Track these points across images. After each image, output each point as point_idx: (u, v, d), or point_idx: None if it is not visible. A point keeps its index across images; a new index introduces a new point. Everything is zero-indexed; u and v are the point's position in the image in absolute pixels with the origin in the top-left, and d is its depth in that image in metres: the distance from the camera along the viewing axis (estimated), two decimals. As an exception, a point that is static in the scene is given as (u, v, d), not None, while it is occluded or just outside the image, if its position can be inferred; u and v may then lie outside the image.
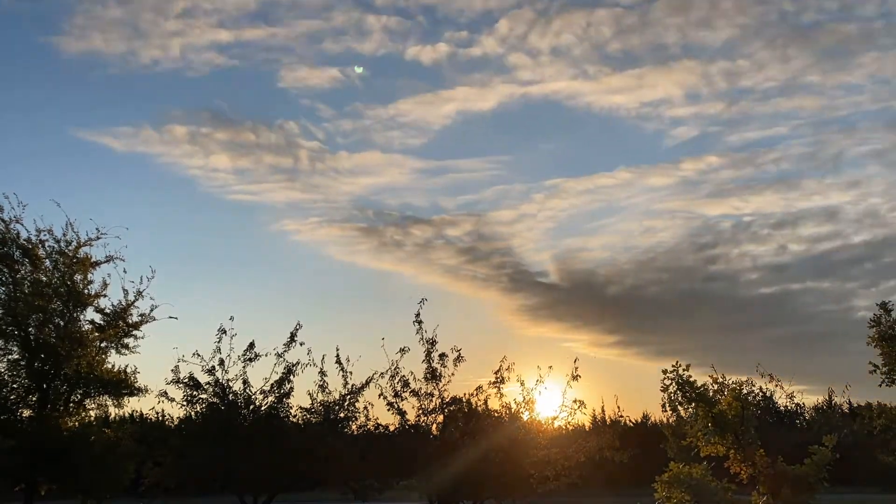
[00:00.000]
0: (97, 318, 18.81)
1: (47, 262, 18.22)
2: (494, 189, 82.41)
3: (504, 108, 76.83)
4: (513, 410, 16.23)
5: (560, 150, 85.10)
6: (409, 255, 76.68)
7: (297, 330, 16.51)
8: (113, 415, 21.05)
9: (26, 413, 17.82)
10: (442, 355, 16.17)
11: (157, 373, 44.75)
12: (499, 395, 16.26)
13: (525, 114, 79.79)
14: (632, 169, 79.39)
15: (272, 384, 16.31)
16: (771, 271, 73.97)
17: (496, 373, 16.28)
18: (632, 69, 75.18)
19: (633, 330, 73.30)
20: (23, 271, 17.93)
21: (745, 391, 16.81)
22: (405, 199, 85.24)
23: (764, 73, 74.84)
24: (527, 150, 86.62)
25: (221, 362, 16.13)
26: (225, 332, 16.20)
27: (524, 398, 16.18)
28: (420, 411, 16.08)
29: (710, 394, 16.96)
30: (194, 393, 16.15)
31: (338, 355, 16.36)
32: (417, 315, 16.24)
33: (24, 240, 17.97)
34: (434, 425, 16.24)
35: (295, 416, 16.62)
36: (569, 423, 16.43)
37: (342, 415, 16.46)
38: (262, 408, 16.23)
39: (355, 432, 16.73)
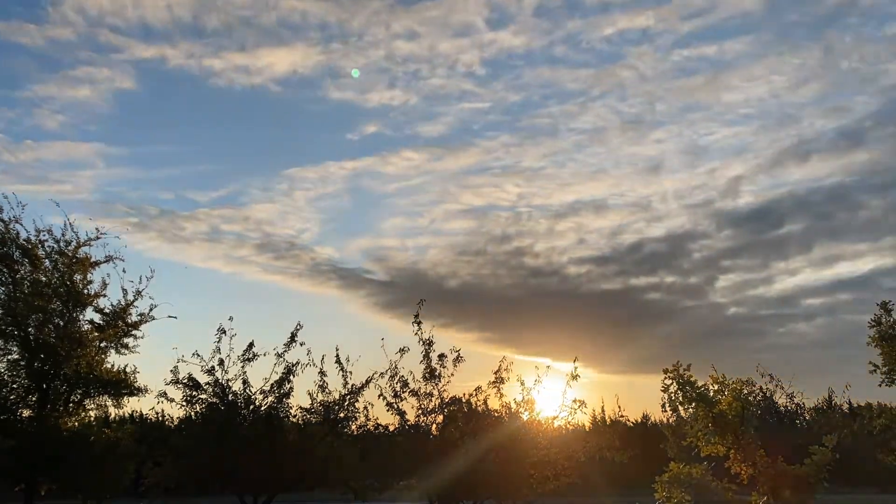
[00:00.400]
0: (97, 317, 18.87)
1: (47, 262, 18.24)
2: (237, 181, 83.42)
3: (146, 89, 77.32)
4: (512, 410, 16.21)
5: (260, 137, 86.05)
6: (210, 252, 76.50)
7: (298, 330, 16.53)
8: (113, 415, 21.11)
9: (26, 413, 17.83)
10: (441, 355, 16.17)
11: (157, 373, 44.68)
12: (498, 394, 16.25)
13: (175, 93, 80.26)
14: (358, 160, 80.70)
15: (272, 384, 16.30)
16: (595, 265, 74.61)
17: (496, 372, 16.26)
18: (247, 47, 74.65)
19: (510, 327, 71.56)
20: (22, 271, 17.94)
21: (745, 391, 16.80)
22: (145, 192, 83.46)
23: (380, 50, 74.83)
24: (224, 137, 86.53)
25: (221, 362, 16.12)
26: (224, 332, 16.20)
27: (524, 398, 16.17)
28: (420, 411, 16.07)
29: (711, 394, 16.96)
30: (194, 393, 16.13)
31: (337, 355, 16.35)
32: (416, 315, 16.24)
33: (24, 240, 18.00)
34: (434, 425, 16.22)
35: (295, 417, 16.61)
36: (569, 423, 16.41)
37: (342, 415, 16.44)
38: (262, 408, 16.21)
39: (355, 432, 16.71)
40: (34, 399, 17.75)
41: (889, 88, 71.66)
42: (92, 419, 18.84)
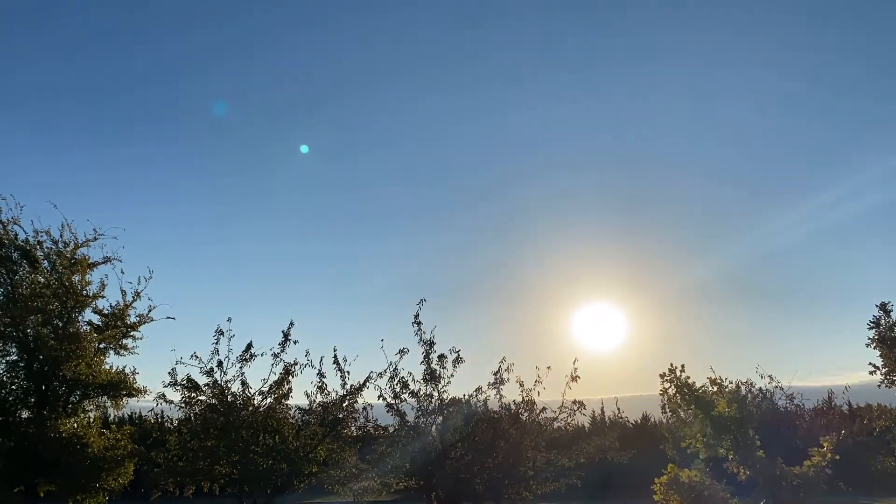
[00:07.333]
0: (95, 319, 18.81)
1: (45, 264, 18.19)
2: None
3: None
4: (512, 411, 16.18)
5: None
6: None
7: (290, 329, 16.50)
8: (111, 416, 21.02)
9: (25, 414, 17.78)
10: (441, 356, 16.14)
11: (156, 373, 44.61)
12: (498, 395, 16.22)
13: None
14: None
15: (270, 385, 16.27)
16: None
17: (495, 374, 16.23)
18: None
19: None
20: (21, 272, 17.90)
21: (743, 392, 16.77)
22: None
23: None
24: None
25: (220, 364, 16.09)
26: (222, 333, 16.17)
27: (523, 399, 16.14)
28: (419, 412, 16.04)
29: (709, 395, 16.93)
30: (192, 395, 16.11)
31: (335, 356, 16.32)
32: (416, 316, 16.21)
33: (22, 241, 17.95)
34: (433, 426, 16.20)
35: (294, 418, 16.58)
36: (568, 424, 16.39)
37: (341, 416, 16.42)
38: (261, 409, 16.18)
39: (354, 433, 16.69)
40: (33, 400, 17.70)
41: None
42: (91, 420, 18.80)
